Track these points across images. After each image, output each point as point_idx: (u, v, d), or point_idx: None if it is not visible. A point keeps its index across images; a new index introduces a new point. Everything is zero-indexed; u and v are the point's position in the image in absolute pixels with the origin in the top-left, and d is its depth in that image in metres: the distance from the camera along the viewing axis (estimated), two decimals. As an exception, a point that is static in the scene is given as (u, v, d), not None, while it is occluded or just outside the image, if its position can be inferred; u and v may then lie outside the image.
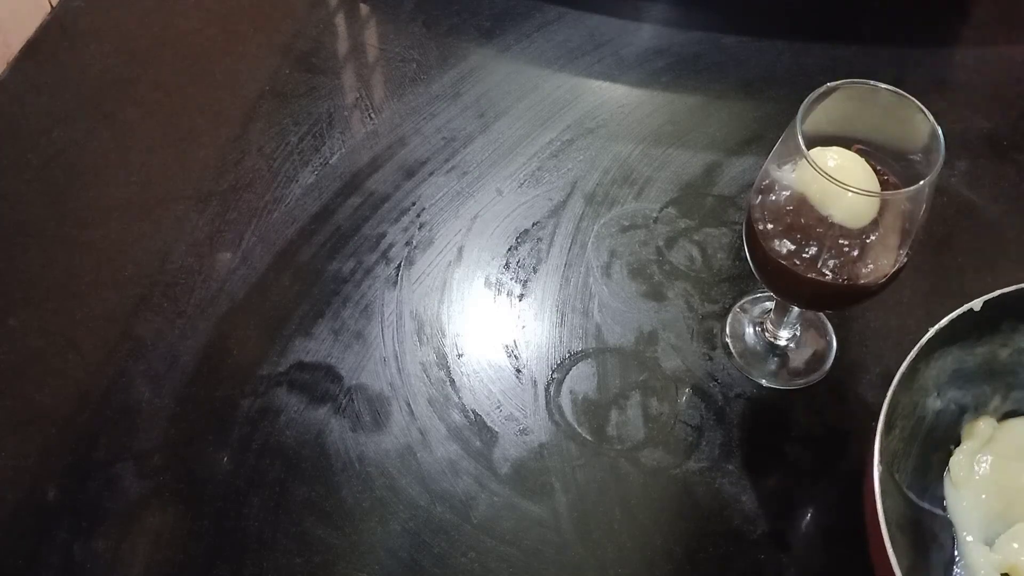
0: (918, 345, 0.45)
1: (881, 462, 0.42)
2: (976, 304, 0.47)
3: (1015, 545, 0.46)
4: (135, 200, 0.63)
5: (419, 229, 0.62)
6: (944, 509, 0.48)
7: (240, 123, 0.67)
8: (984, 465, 0.49)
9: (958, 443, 0.50)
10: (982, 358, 0.49)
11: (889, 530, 0.40)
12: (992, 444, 0.49)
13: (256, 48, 0.72)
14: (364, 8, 0.75)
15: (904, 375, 0.45)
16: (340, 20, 0.75)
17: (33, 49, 0.71)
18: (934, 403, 0.49)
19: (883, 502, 0.41)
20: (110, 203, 0.63)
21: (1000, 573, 0.46)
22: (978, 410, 0.50)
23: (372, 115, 0.68)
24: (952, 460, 0.49)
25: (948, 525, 0.48)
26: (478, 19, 0.74)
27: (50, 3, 0.74)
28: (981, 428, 0.50)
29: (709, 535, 0.50)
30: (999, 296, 0.47)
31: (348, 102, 0.69)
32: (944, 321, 0.46)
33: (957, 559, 0.47)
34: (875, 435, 0.43)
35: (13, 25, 0.71)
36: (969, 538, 0.47)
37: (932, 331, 0.46)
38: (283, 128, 0.67)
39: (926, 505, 0.48)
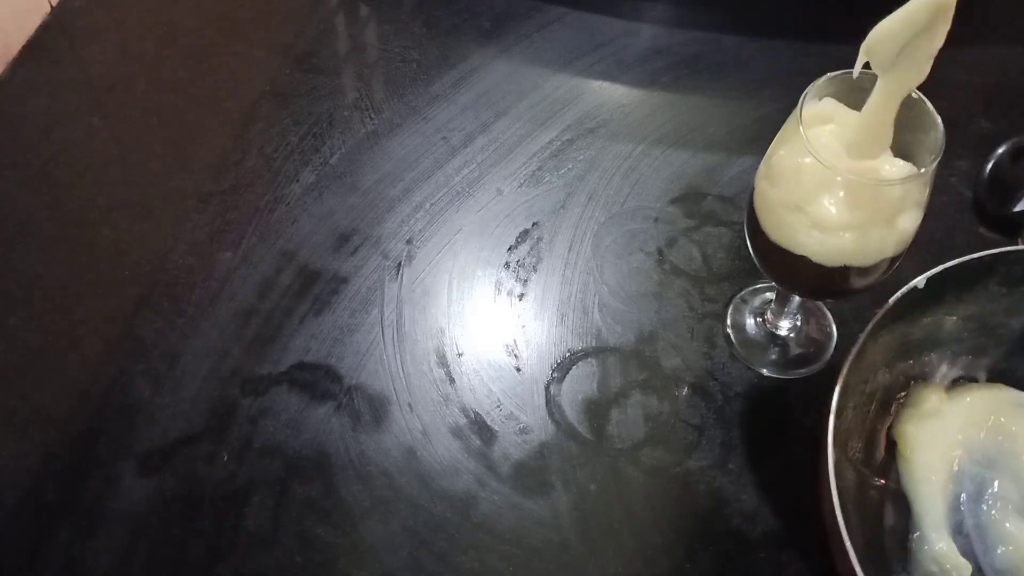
0: (865, 331, 0.45)
1: (835, 450, 0.42)
2: (920, 282, 0.47)
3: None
4: (135, 200, 0.63)
5: (419, 228, 0.62)
6: (898, 482, 0.48)
7: (240, 123, 0.67)
8: (932, 435, 0.49)
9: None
10: (928, 329, 0.50)
11: (845, 515, 0.40)
12: (940, 413, 0.49)
13: (256, 48, 0.72)
14: (364, 8, 0.75)
15: (854, 358, 0.45)
16: (340, 20, 0.75)
17: (33, 49, 0.71)
18: (884, 377, 0.49)
19: (839, 492, 0.41)
20: (110, 203, 0.63)
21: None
22: (926, 379, 0.51)
23: (372, 115, 0.68)
24: (897, 430, 0.49)
25: (902, 497, 0.48)
26: (478, 19, 0.74)
27: (50, 3, 0.74)
28: (927, 397, 0.50)
29: (709, 534, 0.50)
30: (942, 271, 0.47)
31: (348, 102, 0.69)
32: (891, 302, 0.46)
33: (912, 531, 0.47)
34: (827, 429, 0.43)
35: (13, 25, 0.71)
36: (922, 511, 0.47)
37: (880, 313, 0.46)
38: (283, 128, 0.67)
39: (878, 480, 0.48)
